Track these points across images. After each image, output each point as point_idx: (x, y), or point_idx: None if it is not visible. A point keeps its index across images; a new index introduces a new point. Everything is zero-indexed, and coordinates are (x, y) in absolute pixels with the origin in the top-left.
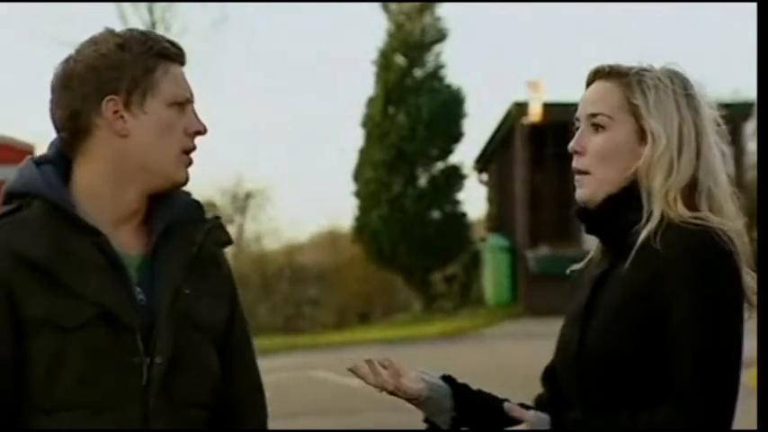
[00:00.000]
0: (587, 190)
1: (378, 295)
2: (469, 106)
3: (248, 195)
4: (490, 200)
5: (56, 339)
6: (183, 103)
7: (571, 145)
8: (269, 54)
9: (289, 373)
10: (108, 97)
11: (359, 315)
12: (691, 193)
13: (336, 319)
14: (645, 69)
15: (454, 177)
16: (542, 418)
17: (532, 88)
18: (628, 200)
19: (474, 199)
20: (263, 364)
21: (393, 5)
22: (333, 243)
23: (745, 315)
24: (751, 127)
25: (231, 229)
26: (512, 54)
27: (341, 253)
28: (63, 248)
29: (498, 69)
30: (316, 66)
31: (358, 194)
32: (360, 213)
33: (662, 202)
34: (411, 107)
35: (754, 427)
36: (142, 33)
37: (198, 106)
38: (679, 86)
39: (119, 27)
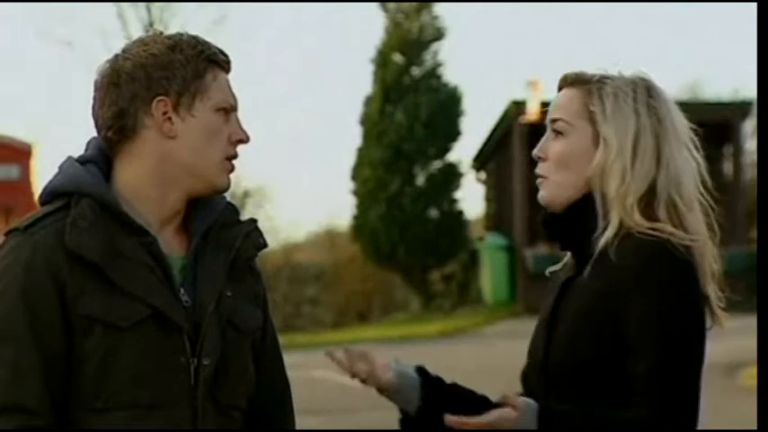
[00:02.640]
0: (546, 193)
1: (376, 294)
2: (467, 105)
3: (246, 194)
4: (488, 199)
5: (109, 338)
6: (229, 109)
7: (535, 151)
8: (267, 53)
9: (287, 373)
10: (158, 98)
11: (357, 314)
12: (650, 201)
13: (335, 318)
14: (608, 77)
15: (452, 176)
16: (530, 404)
17: (531, 87)
18: (586, 207)
19: (472, 198)
20: None
21: (391, 4)
22: (331, 242)
23: (707, 324)
24: (750, 126)
25: None
26: (510, 53)
27: (339, 252)
28: (115, 248)
29: (496, 68)
30: (314, 64)
31: (356, 193)
32: (358, 212)
33: (619, 209)
34: (409, 106)
35: (755, 426)
36: (192, 37)
37: None
38: (642, 94)
39: (117, 26)
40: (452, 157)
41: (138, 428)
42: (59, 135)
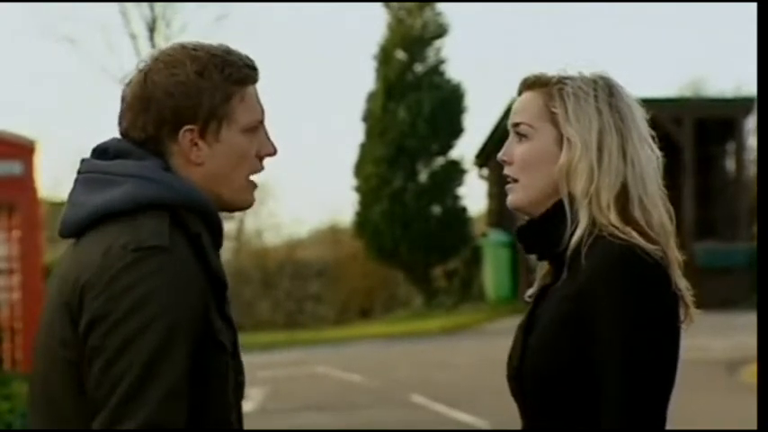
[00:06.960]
0: (514, 196)
1: (378, 291)
2: (470, 101)
3: None
4: (491, 195)
5: (223, 362)
6: (257, 126)
7: (499, 155)
8: (270, 50)
9: (290, 369)
10: (186, 127)
11: (360, 311)
12: (624, 200)
13: (337, 314)
14: (568, 77)
15: (455, 172)
16: None
17: None
18: (559, 214)
19: (474, 194)
20: (264, 359)
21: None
22: (333, 238)
23: (682, 325)
24: (753, 122)
25: (232, 225)
26: (512, 49)
27: (341, 248)
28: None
29: (499, 64)
30: (316, 61)
31: (359, 190)
32: (360, 209)
33: (588, 208)
34: (411, 102)
35: (755, 426)
36: (221, 57)
37: None
38: (603, 93)
39: (120, 23)
40: (455, 153)
41: None
42: (62, 132)
